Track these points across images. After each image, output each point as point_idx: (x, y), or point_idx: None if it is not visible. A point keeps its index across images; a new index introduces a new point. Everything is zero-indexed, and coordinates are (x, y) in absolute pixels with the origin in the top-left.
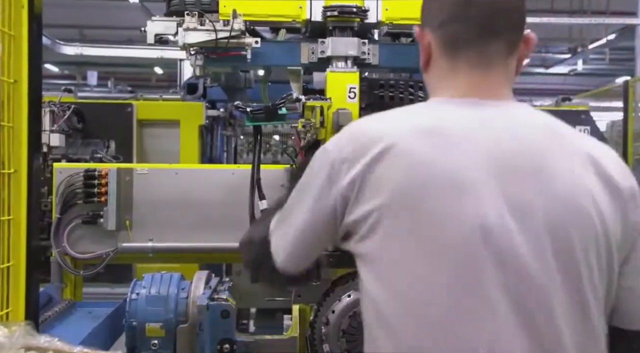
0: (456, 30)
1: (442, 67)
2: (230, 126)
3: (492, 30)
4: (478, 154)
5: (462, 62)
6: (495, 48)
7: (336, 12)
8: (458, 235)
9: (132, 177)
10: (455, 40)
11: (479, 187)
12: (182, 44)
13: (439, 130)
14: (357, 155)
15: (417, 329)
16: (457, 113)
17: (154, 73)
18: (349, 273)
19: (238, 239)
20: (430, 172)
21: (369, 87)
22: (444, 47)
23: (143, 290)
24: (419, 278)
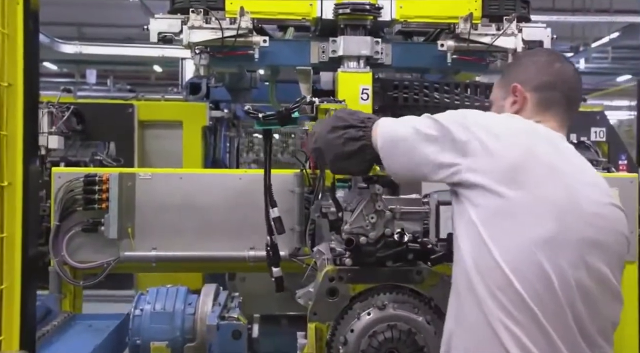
0: (553, 95)
1: (530, 117)
2: (233, 127)
3: (572, 100)
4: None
5: (549, 116)
6: (570, 114)
7: (348, 10)
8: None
9: (135, 182)
10: (547, 103)
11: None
12: (187, 43)
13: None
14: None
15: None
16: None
17: (153, 71)
18: (369, 289)
19: (247, 247)
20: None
21: (382, 88)
22: (538, 105)
23: (147, 306)
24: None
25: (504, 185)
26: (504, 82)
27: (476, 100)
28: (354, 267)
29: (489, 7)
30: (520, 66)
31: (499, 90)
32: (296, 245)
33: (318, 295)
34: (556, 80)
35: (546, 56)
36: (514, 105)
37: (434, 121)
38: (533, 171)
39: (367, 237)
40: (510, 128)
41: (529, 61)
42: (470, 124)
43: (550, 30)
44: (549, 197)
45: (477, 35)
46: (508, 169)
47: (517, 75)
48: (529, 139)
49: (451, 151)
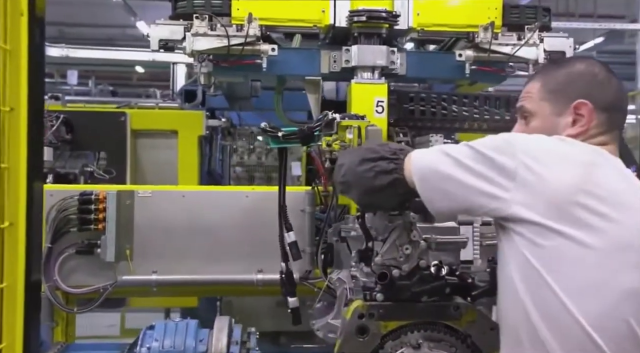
0: (618, 116)
1: (595, 136)
2: (229, 136)
3: (624, 124)
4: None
5: (608, 139)
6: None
7: (364, 18)
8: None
9: (134, 200)
10: (612, 123)
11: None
12: (190, 51)
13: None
14: None
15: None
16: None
17: (135, 72)
18: (401, 327)
19: (253, 270)
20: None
21: (398, 100)
22: (602, 127)
23: (155, 344)
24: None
25: (567, 222)
26: (557, 94)
27: (496, 113)
28: (386, 302)
29: (510, 16)
30: (581, 79)
31: (548, 103)
32: (307, 267)
33: (346, 333)
34: (621, 98)
35: (600, 68)
36: (575, 126)
37: (473, 150)
38: (599, 206)
39: (401, 270)
40: (565, 153)
41: (588, 73)
42: (517, 150)
43: (573, 40)
44: (626, 238)
45: (498, 45)
46: (569, 202)
47: (578, 89)
48: (591, 167)
49: (497, 182)
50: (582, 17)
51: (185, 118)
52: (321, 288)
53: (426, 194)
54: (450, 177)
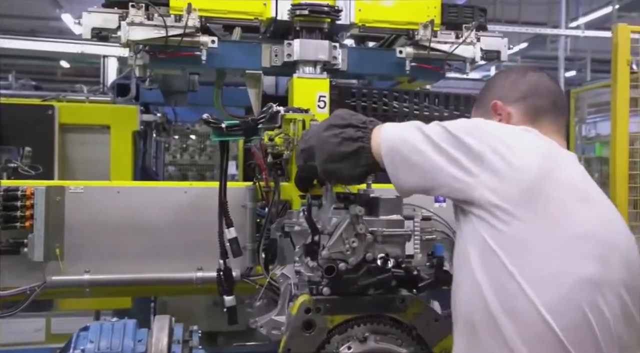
0: (536, 101)
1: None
2: (164, 131)
3: (561, 105)
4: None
5: (543, 124)
6: (562, 121)
7: (306, 11)
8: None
9: (64, 196)
10: (537, 109)
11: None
12: (125, 41)
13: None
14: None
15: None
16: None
17: (59, 67)
18: (347, 321)
19: (193, 268)
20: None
21: (340, 95)
22: (526, 115)
23: (90, 345)
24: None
25: (530, 210)
26: (481, 105)
27: (435, 109)
28: (333, 296)
29: (448, 15)
30: (494, 85)
31: (479, 115)
32: (248, 264)
33: (293, 329)
34: (536, 87)
35: (517, 70)
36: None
37: (444, 130)
38: (563, 196)
39: (347, 263)
40: (530, 142)
41: (500, 79)
42: (486, 135)
43: (507, 40)
44: (589, 230)
45: (437, 43)
46: (533, 190)
47: (492, 93)
48: (552, 159)
49: (464, 164)
50: (507, 23)
51: (119, 112)
52: (262, 286)
53: (392, 165)
54: (420, 152)
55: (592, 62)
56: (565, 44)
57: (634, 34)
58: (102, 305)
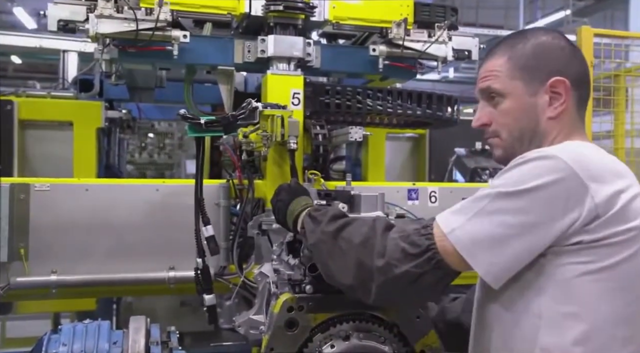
0: (587, 91)
1: (571, 118)
2: (129, 129)
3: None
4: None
5: (582, 116)
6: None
7: (281, 7)
8: None
9: (29, 194)
10: (585, 98)
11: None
12: (94, 34)
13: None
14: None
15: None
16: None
17: (10, 62)
18: (331, 319)
19: (165, 267)
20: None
21: (314, 92)
22: (578, 102)
23: (63, 348)
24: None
25: None
26: (530, 71)
27: (408, 107)
28: (315, 294)
29: (421, 14)
30: (550, 53)
31: (521, 82)
32: (222, 263)
33: (275, 328)
34: (587, 72)
35: (564, 41)
36: (552, 105)
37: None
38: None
39: None
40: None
41: (555, 47)
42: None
43: (478, 40)
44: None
45: (409, 42)
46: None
47: (551, 64)
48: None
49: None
50: (465, 25)
51: (82, 108)
52: (237, 285)
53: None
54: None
55: None
56: None
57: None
58: (65, 307)
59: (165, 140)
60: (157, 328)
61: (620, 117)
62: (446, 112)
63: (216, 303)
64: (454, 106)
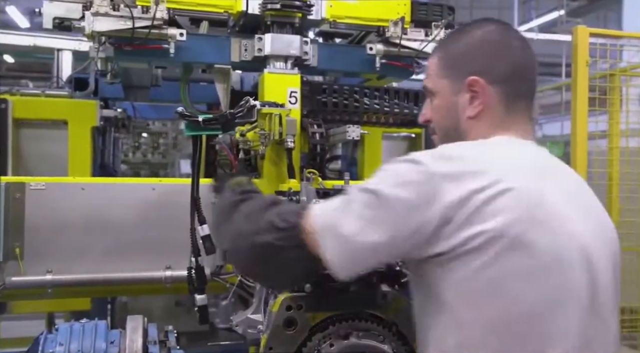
0: (518, 86)
1: (494, 116)
2: (124, 128)
3: (534, 92)
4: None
5: (514, 114)
6: (532, 105)
7: (278, 5)
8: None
9: (24, 193)
10: (516, 95)
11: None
12: (90, 32)
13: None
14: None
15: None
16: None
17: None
18: (330, 318)
19: (161, 266)
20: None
21: (311, 91)
22: (505, 100)
23: (59, 348)
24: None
25: None
26: (453, 70)
27: (405, 107)
28: (314, 293)
29: (418, 13)
30: (475, 50)
31: (447, 80)
32: (218, 262)
33: (274, 327)
34: (524, 65)
35: (500, 34)
36: (473, 104)
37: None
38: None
39: None
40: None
41: (483, 43)
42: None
43: None
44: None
45: (406, 40)
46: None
47: (473, 62)
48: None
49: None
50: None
51: (77, 107)
52: (233, 284)
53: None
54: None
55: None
56: None
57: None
58: (60, 307)
59: (159, 139)
60: (154, 327)
61: (615, 117)
62: None
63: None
64: None
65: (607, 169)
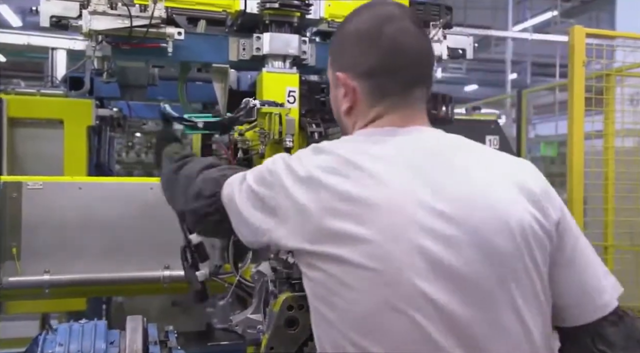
0: (385, 81)
1: (365, 110)
2: (119, 127)
3: (417, 80)
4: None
5: (386, 106)
6: (417, 94)
7: (277, 5)
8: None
9: (21, 193)
10: (383, 89)
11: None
12: (87, 30)
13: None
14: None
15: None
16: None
17: None
18: None
19: (160, 266)
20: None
21: (309, 91)
22: (371, 95)
23: (59, 349)
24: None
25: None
26: (331, 64)
27: None
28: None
29: (416, 12)
30: (341, 44)
31: (330, 72)
32: (217, 262)
33: (275, 327)
34: (393, 55)
35: (372, 20)
36: (345, 99)
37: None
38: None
39: None
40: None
41: (352, 35)
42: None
43: (472, 38)
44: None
45: None
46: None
47: (339, 58)
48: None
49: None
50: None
51: (73, 106)
52: (232, 284)
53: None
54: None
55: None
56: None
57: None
58: (55, 307)
59: (153, 139)
60: (154, 327)
61: (610, 117)
62: (441, 110)
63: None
64: (448, 105)
65: (603, 169)
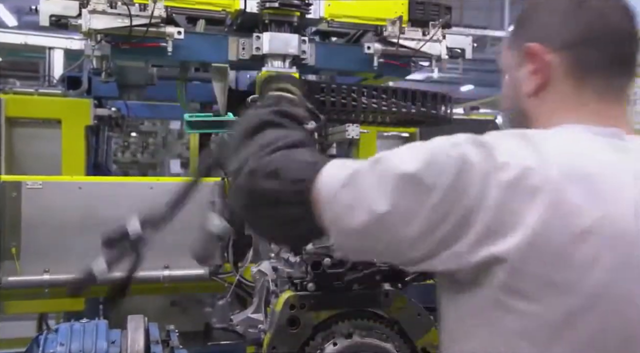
0: (588, 56)
1: (564, 93)
2: (117, 127)
3: (624, 60)
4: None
5: (589, 90)
6: (625, 79)
7: (276, 4)
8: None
9: (21, 192)
10: (585, 67)
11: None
12: (87, 30)
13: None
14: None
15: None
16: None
17: None
18: (333, 317)
19: (159, 266)
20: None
21: (309, 90)
22: (570, 72)
23: (60, 348)
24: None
25: None
26: (515, 40)
27: (403, 106)
28: (317, 292)
29: (415, 12)
30: (536, 14)
31: (510, 54)
32: (217, 262)
33: (277, 326)
34: (596, 29)
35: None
36: (533, 77)
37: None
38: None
39: (332, 258)
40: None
41: (544, 6)
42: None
43: (471, 38)
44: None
45: (404, 39)
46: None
47: (532, 28)
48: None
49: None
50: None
51: (71, 106)
52: (232, 284)
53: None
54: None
55: None
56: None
57: None
58: (53, 307)
59: (148, 139)
60: (155, 327)
61: None
62: (440, 110)
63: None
64: (447, 104)
65: None
